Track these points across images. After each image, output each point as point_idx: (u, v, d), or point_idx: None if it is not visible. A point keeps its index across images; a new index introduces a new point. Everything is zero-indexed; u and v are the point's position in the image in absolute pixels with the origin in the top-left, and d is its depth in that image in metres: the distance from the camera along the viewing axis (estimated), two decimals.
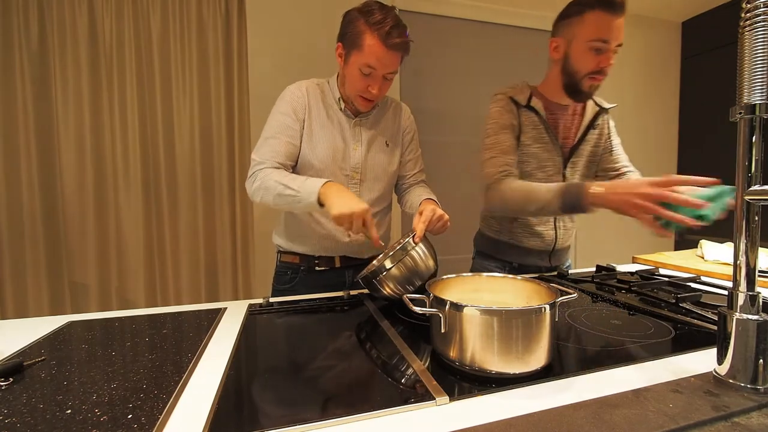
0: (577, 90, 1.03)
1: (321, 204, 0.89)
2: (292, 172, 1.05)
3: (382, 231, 1.18)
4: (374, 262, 0.95)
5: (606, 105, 1.17)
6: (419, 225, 0.86)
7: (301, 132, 1.05)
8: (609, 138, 1.18)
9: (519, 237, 1.16)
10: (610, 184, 0.83)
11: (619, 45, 0.97)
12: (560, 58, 1.03)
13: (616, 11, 0.93)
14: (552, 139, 1.09)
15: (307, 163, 1.05)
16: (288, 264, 1.15)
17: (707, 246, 1.35)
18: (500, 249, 1.19)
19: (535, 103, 1.07)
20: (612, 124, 1.20)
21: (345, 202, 0.85)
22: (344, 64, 1.01)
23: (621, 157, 1.17)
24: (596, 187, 0.84)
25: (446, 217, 0.91)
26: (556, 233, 1.16)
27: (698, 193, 0.70)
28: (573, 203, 0.87)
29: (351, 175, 1.08)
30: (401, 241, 0.98)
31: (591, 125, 1.14)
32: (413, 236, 0.83)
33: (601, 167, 1.18)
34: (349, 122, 1.08)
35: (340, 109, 1.08)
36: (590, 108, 1.15)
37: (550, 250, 1.17)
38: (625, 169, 1.15)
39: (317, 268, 1.13)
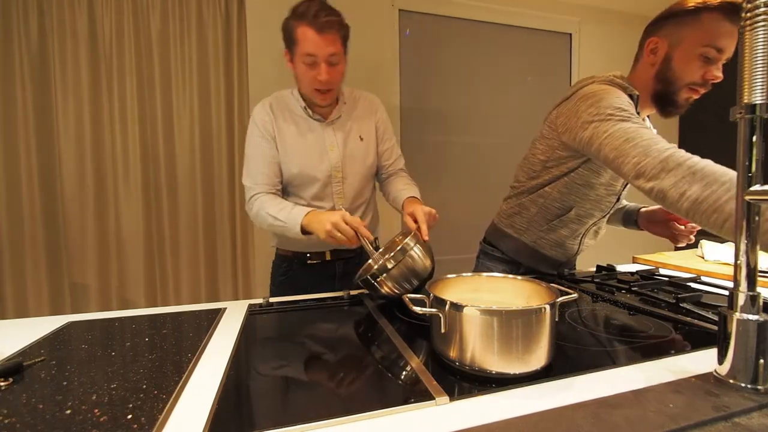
0: (670, 101, 0.92)
1: (308, 233, 0.96)
2: (282, 187, 1.11)
3: (367, 221, 1.21)
4: (370, 262, 0.96)
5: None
6: (422, 226, 0.89)
7: (276, 148, 1.08)
8: None
9: (542, 243, 1.08)
10: None
11: (728, 60, 0.84)
12: (657, 62, 0.91)
13: (737, 18, 0.78)
14: None
15: (290, 174, 1.09)
16: (283, 257, 1.21)
17: (707, 246, 1.35)
18: (516, 249, 1.11)
19: (640, 110, 0.95)
20: None
21: (322, 221, 0.90)
22: (293, 67, 1.03)
23: None
24: None
25: (434, 211, 0.95)
26: (578, 248, 1.12)
27: None
28: None
29: (333, 175, 1.11)
30: (396, 240, 0.98)
31: None
32: (417, 235, 0.85)
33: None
34: (320, 125, 1.11)
35: (309, 116, 1.10)
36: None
37: (564, 261, 1.13)
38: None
39: (309, 262, 1.17)
